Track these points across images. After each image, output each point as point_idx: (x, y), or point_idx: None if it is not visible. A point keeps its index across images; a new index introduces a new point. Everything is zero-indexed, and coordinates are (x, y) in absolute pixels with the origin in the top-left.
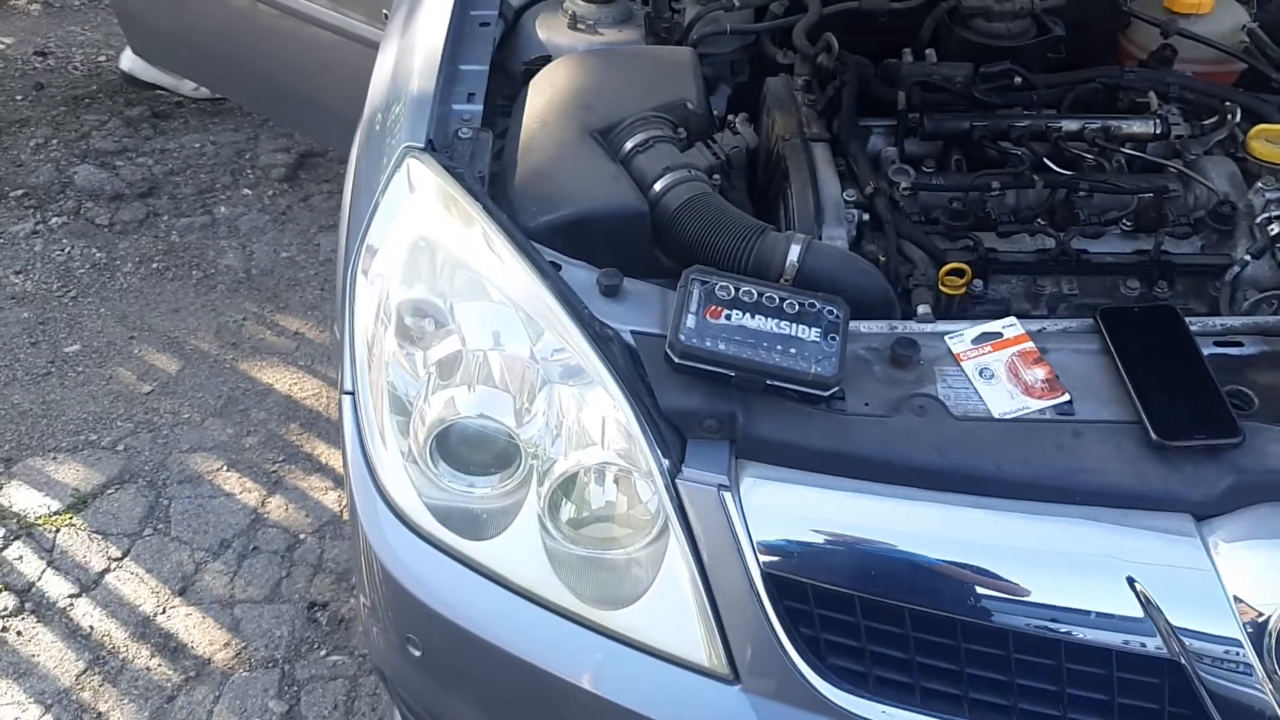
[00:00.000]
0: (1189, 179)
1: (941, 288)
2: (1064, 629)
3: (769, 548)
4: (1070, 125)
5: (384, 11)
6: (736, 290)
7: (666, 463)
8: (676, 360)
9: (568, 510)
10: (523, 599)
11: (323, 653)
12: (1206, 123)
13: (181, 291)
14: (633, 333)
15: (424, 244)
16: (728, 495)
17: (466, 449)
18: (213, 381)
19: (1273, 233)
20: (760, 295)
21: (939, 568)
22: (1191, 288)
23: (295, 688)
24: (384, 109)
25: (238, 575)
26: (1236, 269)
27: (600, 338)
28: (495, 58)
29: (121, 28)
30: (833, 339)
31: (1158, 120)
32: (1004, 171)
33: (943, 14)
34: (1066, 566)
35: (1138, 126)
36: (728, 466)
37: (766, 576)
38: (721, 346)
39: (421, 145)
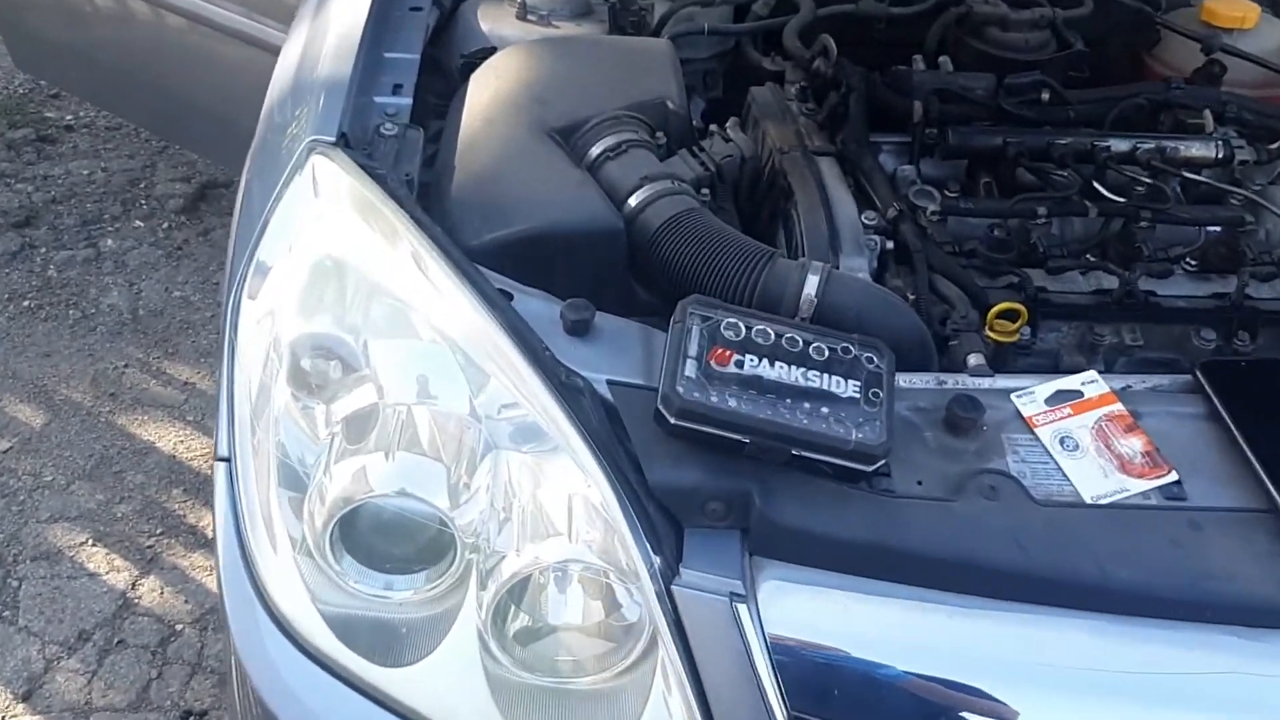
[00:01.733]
0: (1260, 209)
1: (989, 333)
2: None
3: (797, 680)
4: (1120, 145)
5: None
6: (748, 329)
7: (658, 561)
8: (672, 421)
9: (518, 621)
10: None
11: None
12: (1272, 147)
13: (55, 333)
14: (609, 383)
15: (331, 263)
16: (742, 608)
17: (381, 538)
18: (84, 438)
19: None
20: (779, 336)
21: (1029, 710)
22: (1277, 340)
23: None
24: (287, 101)
25: (97, 676)
26: None
27: (566, 388)
28: (428, 51)
29: (4, 41)
30: (875, 395)
31: (1219, 143)
32: (1052, 195)
33: (951, 21)
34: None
35: (1197, 149)
36: (741, 567)
37: None
38: (732, 403)
39: (332, 139)
